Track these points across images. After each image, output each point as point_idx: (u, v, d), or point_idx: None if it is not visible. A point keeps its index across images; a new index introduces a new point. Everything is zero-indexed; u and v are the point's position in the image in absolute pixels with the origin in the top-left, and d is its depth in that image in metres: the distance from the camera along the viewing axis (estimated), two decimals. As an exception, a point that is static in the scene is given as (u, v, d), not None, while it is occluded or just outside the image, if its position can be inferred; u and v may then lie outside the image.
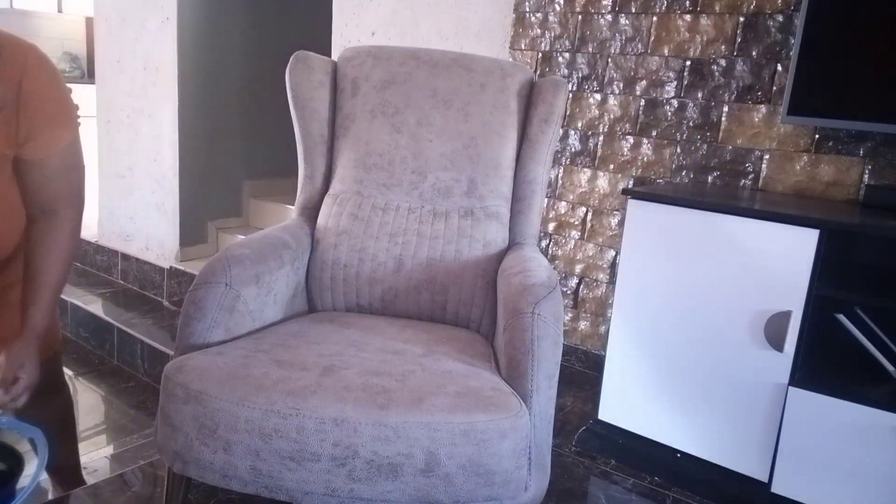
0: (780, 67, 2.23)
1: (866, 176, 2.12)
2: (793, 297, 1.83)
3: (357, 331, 1.64)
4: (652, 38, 2.47)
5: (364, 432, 1.24)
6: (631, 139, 2.56)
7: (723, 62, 2.34)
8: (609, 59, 2.57)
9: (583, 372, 2.72)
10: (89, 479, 1.99)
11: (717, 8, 2.33)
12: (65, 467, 1.95)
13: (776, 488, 1.89)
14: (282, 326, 1.64)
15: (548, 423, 1.44)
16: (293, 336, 1.55)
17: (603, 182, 2.64)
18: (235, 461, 1.27)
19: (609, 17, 2.55)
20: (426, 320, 1.83)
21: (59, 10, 6.99)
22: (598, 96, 2.62)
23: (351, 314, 1.83)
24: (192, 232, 4.01)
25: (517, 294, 1.50)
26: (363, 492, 1.25)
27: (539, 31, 2.71)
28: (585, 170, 2.68)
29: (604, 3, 2.55)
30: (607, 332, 2.17)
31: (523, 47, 2.76)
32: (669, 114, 2.47)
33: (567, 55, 2.66)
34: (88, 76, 6.84)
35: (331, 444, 1.24)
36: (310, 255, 1.85)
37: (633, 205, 2.06)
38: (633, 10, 2.49)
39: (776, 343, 1.86)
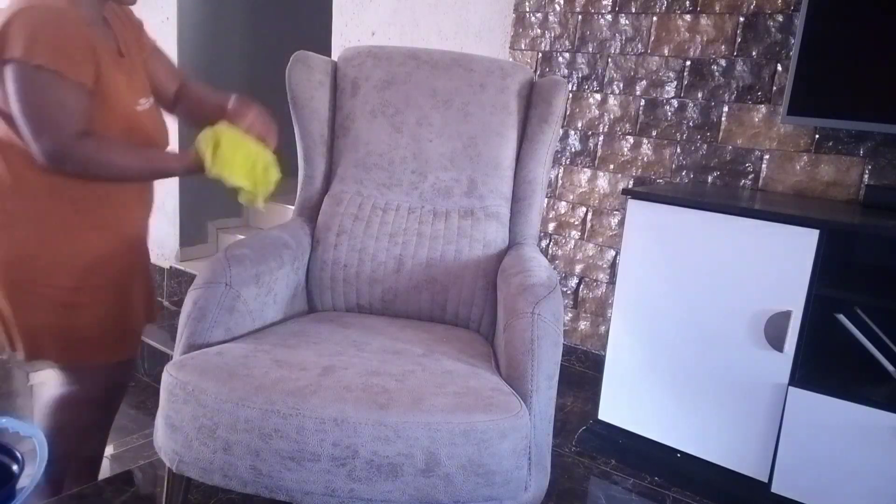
0: (780, 67, 2.24)
1: (866, 176, 2.12)
2: (793, 296, 1.83)
3: (357, 331, 1.64)
4: (652, 38, 2.47)
5: (364, 432, 1.24)
6: (631, 139, 2.56)
7: (723, 62, 2.34)
8: (609, 59, 2.57)
9: (583, 372, 2.72)
10: (89, 479, 1.99)
11: (717, 8, 2.33)
12: (94, 458, 1.93)
13: (776, 488, 1.90)
14: (282, 326, 1.64)
15: (548, 423, 1.44)
16: (293, 336, 1.55)
17: (603, 182, 2.64)
18: (235, 461, 1.27)
19: (609, 17, 2.55)
20: (426, 320, 1.83)
21: (60, 11, 6.98)
22: (598, 96, 2.62)
23: (351, 314, 1.83)
24: (192, 232, 4.01)
25: (517, 294, 1.50)
26: (363, 492, 1.25)
27: (539, 31, 2.71)
28: (585, 170, 2.68)
29: (604, 3, 2.55)
30: (607, 332, 2.17)
31: (523, 47, 2.76)
32: (669, 114, 2.47)
33: (567, 55, 2.66)
34: (89, 76, 6.84)
35: (331, 444, 1.24)
36: (310, 255, 1.85)
37: (633, 205, 2.07)
38: (633, 10, 2.49)
39: (776, 343, 1.86)
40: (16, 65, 1.37)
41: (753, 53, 2.28)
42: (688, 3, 2.38)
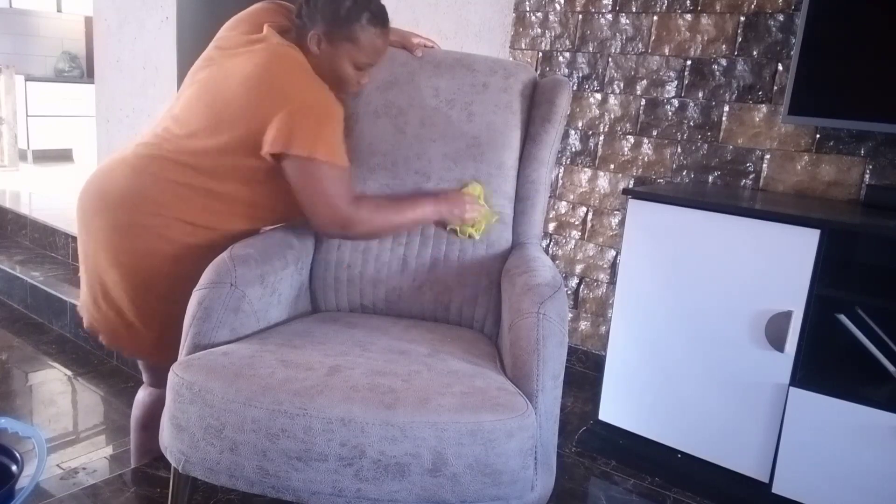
0: (780, 67, 2.24)
1: (867, 176, 2.13)
2: (794, 297, 1.83)
3: (362, 331, 1.64)
4: (652, 38, 2.48)
5: (371, 432, 1.24)
6: (631, 139, 2.57)
7: (723, 62, 2.35)
8: (609, 59, 2.58)
9: (583, 372, 2.73)
10: (89, 480, 1.98)
11: (717, 7, 2.33)
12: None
13: (777, 489, 1.90)
14: (287, 326, 1.64)
15: (553, 422, 1.44)
16: (298, 336, 1.55)
17: (603, 182, 2.65)
18: (242, 461, 1.27)
19: (609, 16, 2.55)
20: (430, 320, 1.84)
21: (59, 10, 6.98)
22: (598, 96, 2.62)
23: (355, 314, 1.83)
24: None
25: (522, 294, 1.50)
26: (370, 492, 1.25)
27: (539, 30, 2.71)
28: (586, 169, 2.68)
29: (604, 2, 2.55)
30: (608, 332, 2.18)
31: (524, 47, 2.76)
32: (670, 113, 2.47)
33: (567, 55, 2.66)
34: (88, 76, 6.83)
35: (338, 444, 1.24)
36: (313, 255, 1.85)
37: (634, 205, 2.07)
38: (634, 10, 2.50)
39: (777, 343, 1.87)
40: (300, 160, 1.56)
41: (754, 53, 2.28)
42: (688, 2, 2.39)
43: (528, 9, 2.73)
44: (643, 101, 2.52)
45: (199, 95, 1.65)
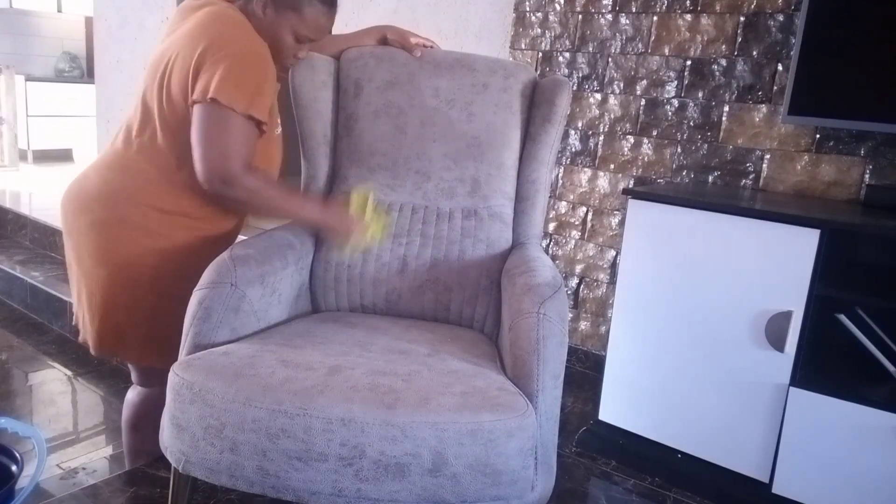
0: (780, 67, 2.24)
1: (867, 176, 2.13)
2: (793, 297, 1.83)
3: (362, 331, 1.64)
4: (652, 38, 2.48)
5: (371, 432, 1.24)
6: (631, 139, 2.57)
7: (723, 62, 2.35)
8: (609, 59, 2.58)
9: (583, 372, 2.73)
10: (89, 480, 1.98)
11: (717, 7, 2.33)
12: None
13: (777, 489, 1.90)
14: (287, 326, 1.64)
15: (553, 422, 1.44)
16: (299, 336, 1.55)
17: (603, 182, 2.65)
18: (242, 461, 1.27)
19: (609, 16, 2.55)
20: (430, 320, 1.84)
21: (59, 10, 6.98)
22: (598, 96, 2.62)
23: (355, 314, 1.83)
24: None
25: (522, 294, 1.50)
26: (370, 492, 1.25)
27: (539, 30, 2.71)
28: (586, 169, 2.68)
29: (604, 2, 2.55)
30: (608, 332, 2.18)
31: (524, 47, 2.76)
32: (670, 113, 2.47)
33: (567, 55, 2.66)
34: (88, 76, 6.83)
35: (338, 444, 1.24)
36: (313, 255, 1.85)
37: (634, 205, 2.07)
38: (634, 10, 2.50)
39: (777, 343, 1.87)
40: (204, 102, 1.51)
41: (754, 53, 2.28)
42: (688, 2, 2.39)
43: (528, 9, 2.73)
44: (643, 101, 2.52)
45: (149, 74, 1.65)
